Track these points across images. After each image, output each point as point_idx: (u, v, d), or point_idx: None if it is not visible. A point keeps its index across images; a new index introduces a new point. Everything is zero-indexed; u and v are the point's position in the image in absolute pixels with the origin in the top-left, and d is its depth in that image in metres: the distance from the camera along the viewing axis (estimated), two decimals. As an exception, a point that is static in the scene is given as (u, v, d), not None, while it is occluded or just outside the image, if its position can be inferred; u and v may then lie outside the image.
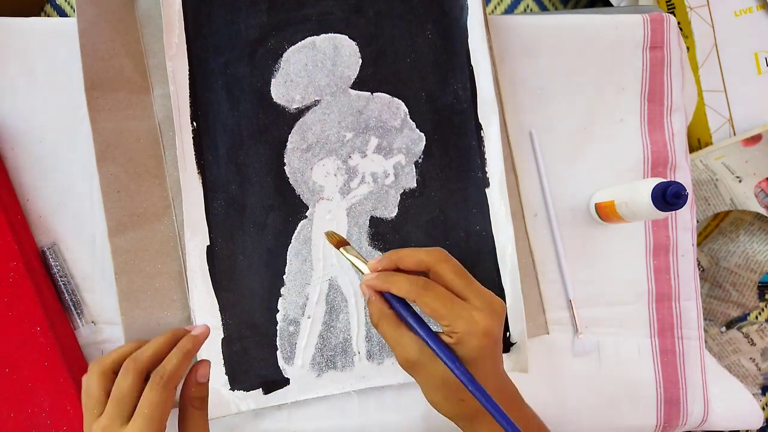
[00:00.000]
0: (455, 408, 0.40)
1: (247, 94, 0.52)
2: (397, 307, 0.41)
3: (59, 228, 0.52)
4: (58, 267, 0.52)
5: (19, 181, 0.52)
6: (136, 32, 0.52)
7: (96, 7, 0.50)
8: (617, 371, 0.59)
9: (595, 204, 0.58)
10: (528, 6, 1.20)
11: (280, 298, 0.53)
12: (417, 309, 0.40)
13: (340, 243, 0.45)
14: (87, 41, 0.50)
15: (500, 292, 0.54)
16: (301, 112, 0.53)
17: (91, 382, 0.43)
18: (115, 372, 0.44)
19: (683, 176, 0.62)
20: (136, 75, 0.52)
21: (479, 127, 0.55)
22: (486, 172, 0.55)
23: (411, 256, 0.41)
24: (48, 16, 1.14)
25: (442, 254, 0.41)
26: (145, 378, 0.43)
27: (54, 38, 0.52)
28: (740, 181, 0.88)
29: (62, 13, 1.14)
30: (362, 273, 0.43)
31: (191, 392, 0.46)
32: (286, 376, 0.52)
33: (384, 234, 0.54)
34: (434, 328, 0.40)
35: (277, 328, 0.52)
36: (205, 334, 0.47)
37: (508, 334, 0.54)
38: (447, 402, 0.40)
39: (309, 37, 0.53)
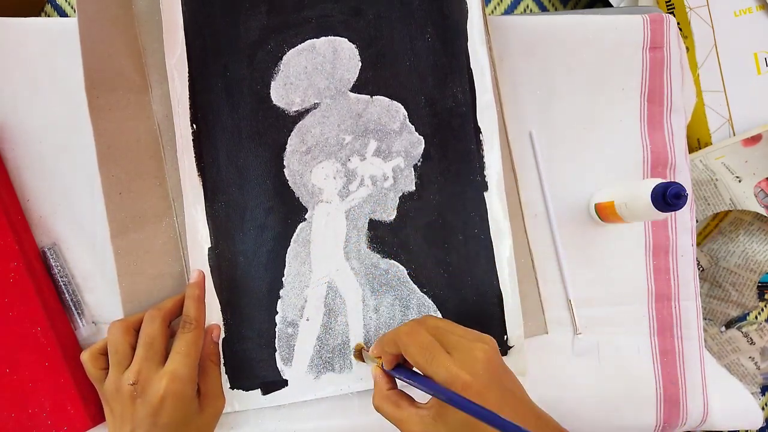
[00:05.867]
0: None
1: (246, 97, 0.52)
2: (396, 371, 0.43)
3: (60, 228, 0.53)
4: (59, 267, 0.52)
5: (19, 181, 0.52)
6: (133, 30, 0.51)
7: (96, 3, 0.50)
8: (617, 371, 0.59)
9: (595, 204, 0.58)
10: (528, 6, 1.20)
11: (279, 300, 0.53)
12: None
13: (360, 351, 0.53)
14: (87, 39, 0.49)
15: (498, 297, 0.55)
16: (300, 115, 0.53)
17: (116, 338, 0.46)
18: (136, 329, 0.47)
19: (683, 177, 0.62)
20: (135, 74, 0.51)
21: (478, 130, 0.55)
22: (485, 176, 0.55)
23: (390, 339, 0.43)
24: (48, 16, 1.14)
25: (406, 327, 0.42)
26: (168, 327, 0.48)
27: (54, 38, 0.52)
28: (740, 181, 0.88)
29: (62, 13, 1.14)
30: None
31: (209, 350, 0.51)
32: (284, 377, 0.53)
33: (383, 237, 0.54)
34: None
35: (276, 329, 0.53)
36: (201, 276, 0.51)
37: (505, 337, 0.55)
38: None
39: (309, 40, 0.53)
